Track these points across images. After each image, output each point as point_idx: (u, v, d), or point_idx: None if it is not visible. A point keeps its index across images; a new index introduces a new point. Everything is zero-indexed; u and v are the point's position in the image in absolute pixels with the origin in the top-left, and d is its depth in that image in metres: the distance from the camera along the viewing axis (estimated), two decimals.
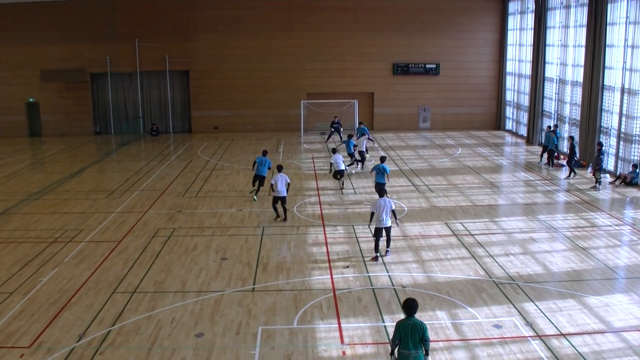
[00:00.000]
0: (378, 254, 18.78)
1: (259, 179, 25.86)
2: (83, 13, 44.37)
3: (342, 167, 27.96)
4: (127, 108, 47.02)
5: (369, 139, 32.83)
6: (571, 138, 30.70)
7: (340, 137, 40.23)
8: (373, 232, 19.09)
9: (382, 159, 25.66)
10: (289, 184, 22.91)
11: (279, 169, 23.63)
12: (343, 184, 28.15)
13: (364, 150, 32.30)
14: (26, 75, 45.01)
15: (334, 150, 29.82)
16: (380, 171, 24.52)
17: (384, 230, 18.65)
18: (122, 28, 44.78)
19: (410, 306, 10.91)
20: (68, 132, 45.88)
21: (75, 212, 24.44)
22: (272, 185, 22.85)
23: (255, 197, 25.81)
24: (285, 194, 22.73)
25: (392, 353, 10.98)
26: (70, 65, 44.99)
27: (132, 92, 46.75)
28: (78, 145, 41.83)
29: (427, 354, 10.79)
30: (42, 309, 15.33)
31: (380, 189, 20.06)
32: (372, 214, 18.59)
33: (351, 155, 32.30)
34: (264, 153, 26.63)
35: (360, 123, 36.72)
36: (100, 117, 47.28)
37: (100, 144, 43.04)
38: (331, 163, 28.50)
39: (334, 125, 41.61)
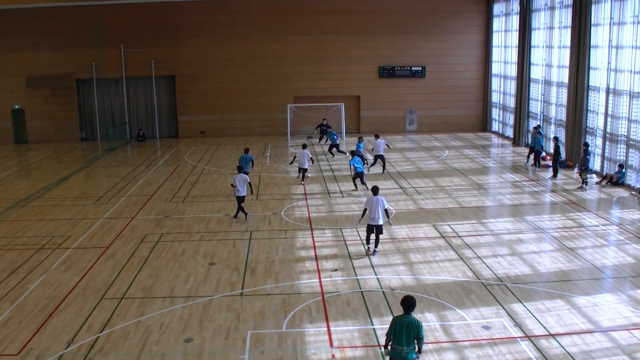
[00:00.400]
0: (368, 247, 19.38)
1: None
2: (69, 19, 44.14)
3: (306, 165, 30.00)
4: (114, 114, 46.87)
5: (386, 144, 32.51)
6: (555, 139, 30.84)
7: (327, 139, 40.46)
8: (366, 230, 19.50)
9: (352, 153, 28.92)
10: (249, 183, 23.70)
11: (239, 170, 24.19)
12: (303, 179, 30.04)
13: (382, 153, 32.01)
14: (12, 82, 44.79)
15: (304, 146, 31.05)
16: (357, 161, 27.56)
17: (374, 228, 18.94)
18: (107, 34, 44.63)
19: (407, 303, 11.08)
20: (54, 139, 45.67)
21: (62, 219, 24.33)
22: (232, 185, 23.95)
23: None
24: (244, 194, 23.41)
25: (385, 346, 11.20)
26: (56, 72, 44.81)
27: (119, 98, 46.61)
28: (64, 152, 41.64)
29: (419, 352, 11.01)
30: (30, 316, 15.25)
31: (374, 188, 20.06)
32: (365, 210, 19.07)
33: (361, 156, 30.75)
34: (246, 151, 28.01)
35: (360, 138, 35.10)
36: (86, 123, 47.10)
37: (87, 150, 42.86)
38: (295, 157, 31.22)
39: (322, 127, 41.80)
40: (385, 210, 19.02)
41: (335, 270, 18.02)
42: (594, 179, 29.07)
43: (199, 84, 45.82)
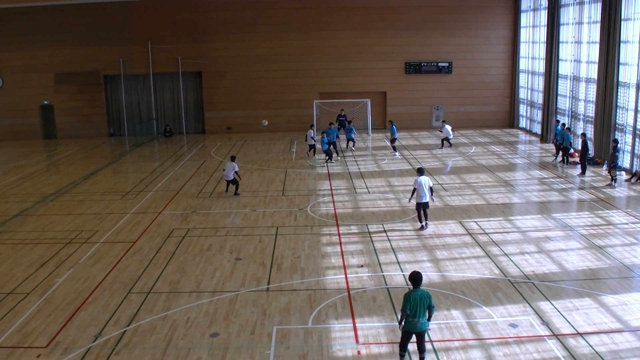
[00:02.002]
0: (423, 223, 21.26)
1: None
2: (96, 16, 44.57)
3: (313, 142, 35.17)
4: (141, 109, 47.22)
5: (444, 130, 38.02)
6: (583, 135, 30.48)
7: (345, 131, 40.64)
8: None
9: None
10: (236, 172, 26.82)
11: (232, 159, 27.29)
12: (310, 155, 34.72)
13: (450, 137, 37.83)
14: (40, 78, 45.32)
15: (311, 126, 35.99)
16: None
17: (423, 205, 21.15)
18: (135, 30, 44.95)
19: (417, 278, 12.01)
20: (82, 134, 46.14)
21: (90, 214, 24.56)
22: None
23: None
24: (231, 177, 26.76)
25: (400, 322, 12.00)
26: (83, 68, 45.24)
27: (146, 94, 46.94)
28: (92, 147, 42.04)
29: (429, 320, 12.02)
30: (58, 309, 15.42)
31: (420, 169, 21.92)
32: (414, 190, 21.10)
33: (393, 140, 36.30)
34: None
35: (390, 121, 37.51)
36: (114, 119, 47.51)
37: (115, 146, 43.22)
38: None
39: (340, 119, 42.00)
40: (430, 188, 21.15)
41: (362, 266, 17.99)
42: (623, 176, 28.72)
43: (225, 80, 45.98)
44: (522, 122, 45.76)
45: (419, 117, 46.88)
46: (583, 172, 29.46)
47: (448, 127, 38.10)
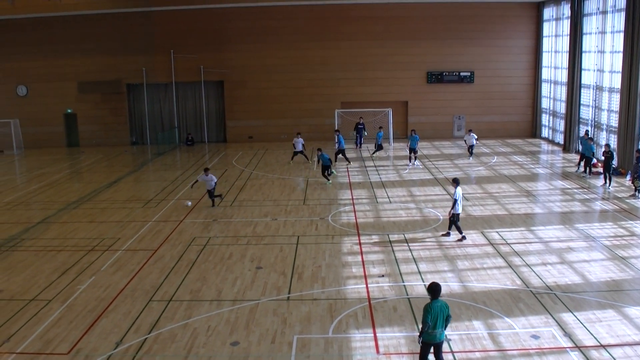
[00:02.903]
0: (463, 234, 21.21)
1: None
2: (119, 25, 45.09)
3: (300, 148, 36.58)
4: (163, 118, 47.56)
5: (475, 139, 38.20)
6: (607, 146, 30.12)
7: (361, 139, 42.90)
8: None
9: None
10: (215, 183, 26.65)
11: (206, 171, 26.37)
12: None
13: (474, 144, 38.03)
14: (64, 87, 45.88)
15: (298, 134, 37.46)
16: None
17: (458, 216, 21.16)
18: (157, 39, 45.34)
19: (437, 289, 11.99)
20: (105, 142, 46.57)
21: (112, 221, 24.73)
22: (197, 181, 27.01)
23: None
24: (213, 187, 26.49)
25: (421, 335, 11.81)
26: (106, 77, 45.71)
27: (168, 103, 47.28)
28: (115, 155, 42.36)
29: (445, 327, 11.98)
30: (80, 316, 15.52)
31: (457, 179, 21.76)
32: (455, 202, 20.80)
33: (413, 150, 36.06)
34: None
35: (412, 130, 37.25)
36: (136, 128, 47.89)
37: (137, 154, 43.52)
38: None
39: (358, 127, 42.29)
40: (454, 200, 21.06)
41: (383, 276, 17.94)
42: None
43: (247, 89, 46.20)
44: (545, 132, 45.50)
45: (441, 127, 46.78)
46: (605, 183, 29.12)
47: (474, 135, 38.17)
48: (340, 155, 36.68)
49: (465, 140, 38.70)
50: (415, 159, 36.09)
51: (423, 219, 24.10)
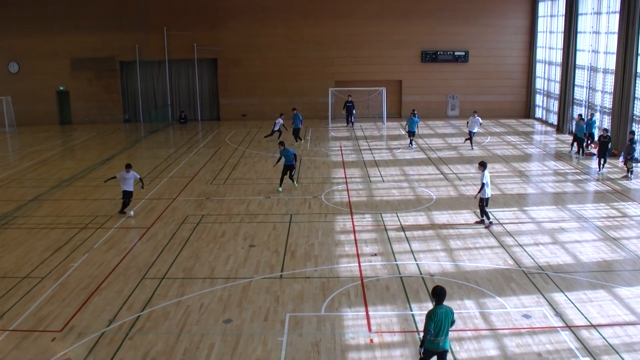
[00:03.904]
0: (492, 219, 20.59)
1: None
2: (113, 2, 44.80)
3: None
4: (156, 96, 47.39)
5: (479, 123, 35.31)
6: (605, 130, 29.66)
7: (352, 116, 42.41)
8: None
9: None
10: (142, 179, 23.10)
11: (128, 167, 22.43)
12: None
13: (474, 131, 34.52)
14: (57, 64, 45.58)
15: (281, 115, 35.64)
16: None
17: (487, 200, 20.47)
18: (151, 17, 45.05)
19: (441, 293, 10.77)
20: (98, 120, 46.40)
21: (105, 199, 24.68)
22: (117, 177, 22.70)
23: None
24: (132, 189, 22.41)
25: (422, 344, 10.71)
26: (100, 54, 45.43)
27: (161, 80, 47.06)
28: (108, 133, 42.23)
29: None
30: (72, 294, 15.53)
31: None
32: (483, 185, 20.06)
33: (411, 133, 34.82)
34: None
35: (413, 111, 35.82)
36: (129, 105, 47.72)
37: (130, 132, 43.40)
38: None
39: (347, 105, 42.16)
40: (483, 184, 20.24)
41: (375, 255, 17.99)
42: (639, 168, 28.46)
43: (241, 67, 46.00)
44: (538, 113, 45.51)
45: (435, 106, 46.72)
46: (600, 168, 28.57)
47: (479, 119, 34.68)
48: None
49: (467, 124, 35.23)
50: (412, 141, 35.12)
51: (416, 198, 24.13)
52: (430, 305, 14.27)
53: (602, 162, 28.48)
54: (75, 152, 35.91)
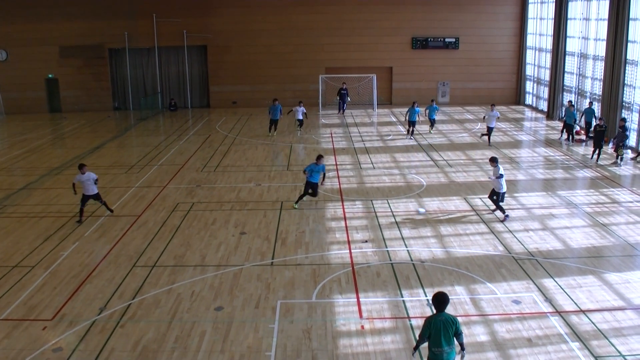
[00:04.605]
0: (506, 214, 19.86)
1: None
2: None
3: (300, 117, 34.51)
4: (146, 83, 47.15)
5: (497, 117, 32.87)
6: (601, 120, 29.38)
7: (344, 105, 42.33)
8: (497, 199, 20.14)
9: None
10: (96, 180, 20.56)
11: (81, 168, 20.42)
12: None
13: (492, 126, 31.86)
14: (45, 52, 45.21)
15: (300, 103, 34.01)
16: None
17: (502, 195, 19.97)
18: (140, 3, 44.74)
19: (441, 301, 10.07)
20: (87, 108, 46.13)
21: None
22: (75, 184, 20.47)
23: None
24: (95, 191, 20.39)
25: (416, 349, 10.44)
26: (88, 41, 45.12)
27: (151, 68, 46.84)
28: (97, 121, 42.04)
29: (463, 348, 10.23)
30: (63, 282, 15.51)
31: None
32: (501, 176, 19.79)
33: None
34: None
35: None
36: (119, 93, 47.47)
37: (119, 120, 43.22)
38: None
39: (341, 92, 42.04)
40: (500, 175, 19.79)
41: (366, 241, 18.03)
42: (629, 154, 28.59)
43: (231, 54, 45.82)
44: (529, 99, 45.57)
45: (426, 93, 46.65)
46: (594, 157, 27.94)
47: (497, 113, 32.17)
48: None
49: (484, 118, 33.09)
50: (412, 132, 33.99)
51: (407, 185, 24.17)
52: (420, 292, 14.41)
53: (598, 152, 27.68)
54: (65, 141, 35.75)
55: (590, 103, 32.97)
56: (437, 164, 27.58)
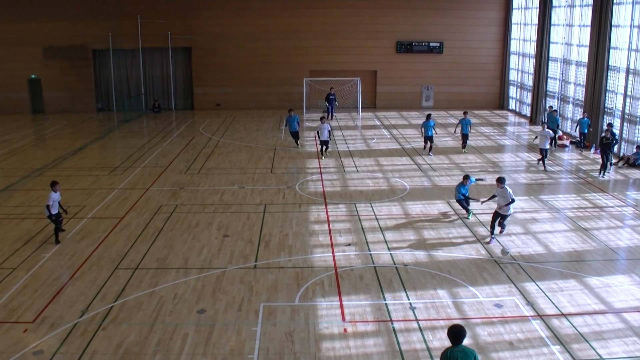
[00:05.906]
0: (494, 236, 18.50)
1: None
2: None
3: (327, 137, 29.40)
4: (130, 85, 46.94)
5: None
6: (608, 131, 28.65)
7: (332, 110, 41.84)
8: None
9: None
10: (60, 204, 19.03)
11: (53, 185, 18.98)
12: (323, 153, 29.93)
13: (546, 148, 27.97)
14: (28, 52, 44.88)
15: (322, 119, 29.96)
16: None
17: (501, 216, 18.55)
18: (124, 4, 44.54)
19: (458, 334, 9.38)
20: (70, 109, 45.84)
21: (77, 189, 24.47)
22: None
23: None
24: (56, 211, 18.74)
25: None
26: (72, 42, 44.84)
27: (135, 69, 46.64)
28: (80, 122, 41.80)
29: None
30: (45, 284, 15.40)
31: (502, 178, 18.65)
32: (493, 196, 19.01)
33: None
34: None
35: (428, 115, 31.05)
36: (102, 94, 47.23)
37: (103, 121, 42.98)
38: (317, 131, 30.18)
39: (329, 97, 41.91)
40: (512, 200, 18.24)
41: (349, 245, 18.05)
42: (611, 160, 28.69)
43: (216, 56, 45.73)
44: (512, 104, 45.82)
45: (410, 97, 46.87)
46: (602, 172, 26.32)
47: (549, 132, 28.06)
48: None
49: (535, 139, 31.01)
50: (431, 148, 30.77)
51: (390, 189, 24.23)
52: (402, 295, 14.45)
53: (606, 166, 26.19)
54: (47, 142, 35.51)
55: (585, 113, 32.41)
56: (420, 168, 27.65)
